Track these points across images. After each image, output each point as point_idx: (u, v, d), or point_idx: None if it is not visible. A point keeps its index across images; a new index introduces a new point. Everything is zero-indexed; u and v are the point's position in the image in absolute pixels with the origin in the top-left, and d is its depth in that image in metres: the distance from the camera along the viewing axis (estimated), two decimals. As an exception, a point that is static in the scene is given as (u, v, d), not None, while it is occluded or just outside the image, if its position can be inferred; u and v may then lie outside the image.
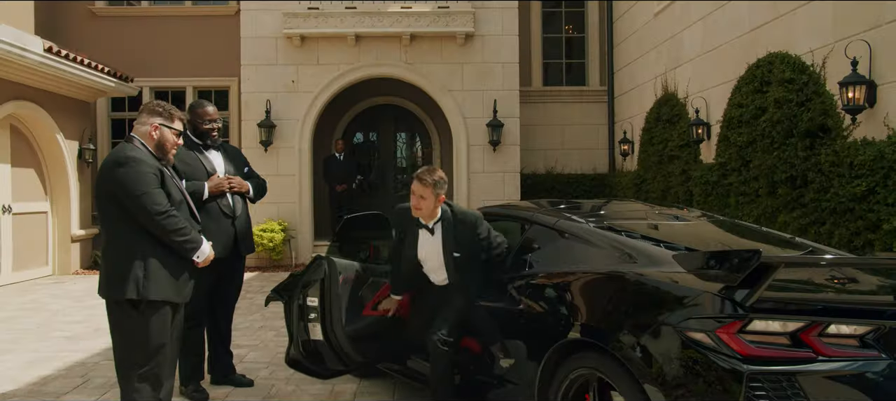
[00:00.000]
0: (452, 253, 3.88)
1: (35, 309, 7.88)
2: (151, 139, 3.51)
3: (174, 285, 3.44)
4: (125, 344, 3.42)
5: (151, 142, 3.51)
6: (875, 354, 2.41)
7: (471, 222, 3.90)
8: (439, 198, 3.90)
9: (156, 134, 3.51)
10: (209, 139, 4.55)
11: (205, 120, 4.50)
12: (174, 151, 3.62)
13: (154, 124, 3.51)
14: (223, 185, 4.45)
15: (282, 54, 11.83)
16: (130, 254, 3.34)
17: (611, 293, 2.98)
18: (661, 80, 10.54)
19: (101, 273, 3.45)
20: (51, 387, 4.84)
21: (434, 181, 3.86)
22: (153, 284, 3.35)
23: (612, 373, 2.79)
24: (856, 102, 5.80)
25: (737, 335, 2.42)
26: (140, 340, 3.38)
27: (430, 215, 3.94)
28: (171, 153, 3.60)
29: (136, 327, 3.37)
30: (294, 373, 4.96)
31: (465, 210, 4.01)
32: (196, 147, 4.51)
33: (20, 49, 8.77)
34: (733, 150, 7.55)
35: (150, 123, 3.52)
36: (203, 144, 4.54)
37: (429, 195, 3.86)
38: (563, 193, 12.84)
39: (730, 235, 3.78)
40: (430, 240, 3.99)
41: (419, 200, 3.87)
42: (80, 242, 11.23)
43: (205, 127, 4.51)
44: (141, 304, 3.35)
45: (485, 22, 11.99)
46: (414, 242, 4.04)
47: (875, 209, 5.49)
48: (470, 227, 3.89)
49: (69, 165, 10.80)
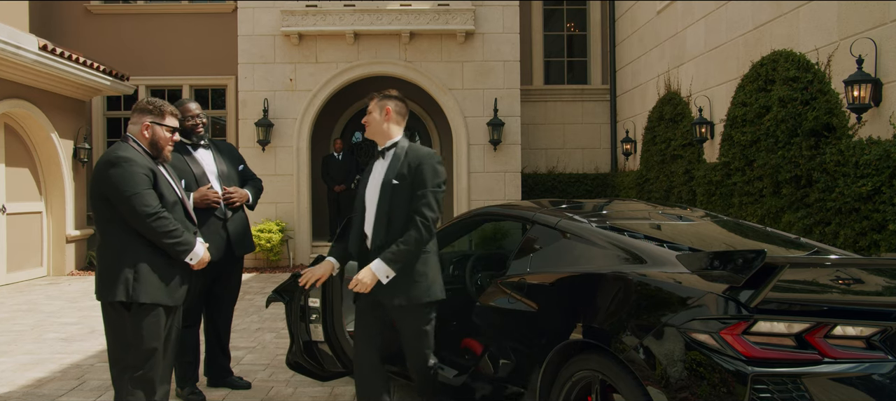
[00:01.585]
0: (392, 180, 3.35)
1: (30, 310, 7.83)
2: (144, 138, 3.47)
3: (165, 289, 3.38)
4: (118, 346, 3.38)
5: (145, 141, 3.47)
6: (882, 355, 2.38)
7: (424, 155, 3.37)
8: (386, 112, 3.47)
9: (147, 133, 3.48)
10: (194, 136, 4.44)
11: (186, 116, 4.35)
12: (170, 147, 3.57)
13: (145, 123, 3.48)
14: (209, 197, 4.26)
15: (280, 52, 11.78)
16: (122, 255, 3.30)
17: (613, 294, 2.94)
18: (664, 79, 10.49)
19: (96, 274, 3.42)
20: (46, 389, 4.80)
21: (382, 95, 3.50)
22: (143, 287, 3.30)
23: (614, 375, 2.75)
24: (861, 100, 5.74)
25: (741, 337, 2.39)
26: (132, 342, 3.34)
27: (381, 136, 3.50)
28: (166, 150, 3.54)
29: (128, 329, 3.33)
30: (293, 375, 4.93)
31: (426, 148, 3.50)
32: (183, 148, 4.37)
33: (15, 47, 8.72)
34: (737, 149, 7.49)
35: (141, 122, 3.48)
36: (191, 143, 4.44)
37: (374, 108, 3.49)
38: (565, 193, 12.80)
39: (734, 236, 3.74)
40: (377, 169, 3.49)
41: (367, 115, 3.53)
42: (75, 243, 11.18)
43: (188, 124, 4.38)
44: (132, 306, 3.30)
45: (485, 20, 11.93)
46: (366, 178, 3.54)
47: (881, 209, 5.43)
48: (420, 159, 3.34)
49: (64, 164, 10.75)
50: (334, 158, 12.30)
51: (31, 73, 9.56)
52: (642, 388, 2.61)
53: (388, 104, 3.50)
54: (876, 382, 2.33)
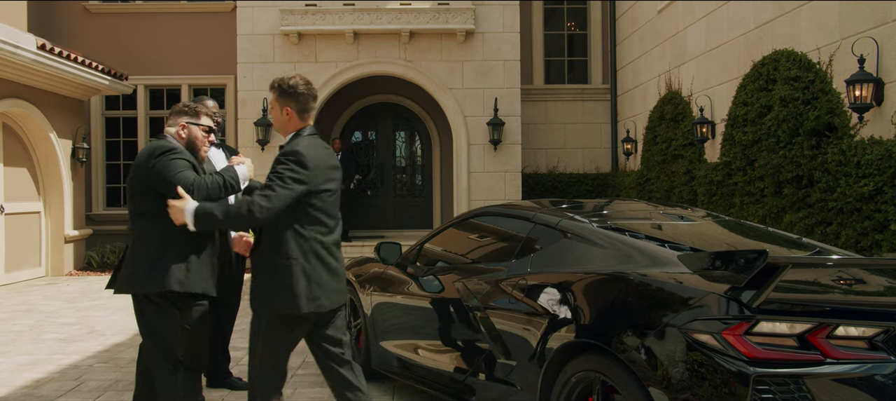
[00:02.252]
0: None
1: (28, 311, 7.81)
2: (181, 139, 3.52)
3: (211, 281, 3.41)
4: (163, 341, 3.33)
5: (181, 141, 3.51)
6: (884, 356, 2.37)
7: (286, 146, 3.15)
8: (286, 111, 3.23)
9: (184, 133, 3.53)
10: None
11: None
12: (206, 148, 3.61)
13: (181, 123, 3.53)
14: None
15: (279, 52, 11.75)
16: (167, 247, 3.28)
17: (614, 294, 2.92)
18: (665, 78, 10.47)
19: (129, 268, 3.35)
20: (44, 390, 4.78)
21: (275, 84, 3.25)
22: (194, 278, 3.30)
23: (615, 375, 2.73)
24: (863, 100, 5.73)
25: (743, 337, 2.37)
26: (185, 335, 3.33)
27: (281, 129, 3.31)
28: (202, 151, 3.58)
29: (180, 321, 3.32)
30: (292, 376, 4.92)
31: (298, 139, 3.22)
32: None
33: (13, 46, 8.70)
34: (738, 149, 7.47)
35: (177, 123, 3.54)
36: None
37: (272, 100, 3.29)
38: (566, 193, 12.78)
39: (735, 236, 3.72)
40: None
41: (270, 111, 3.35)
42: (73, 243, 11.17)
43: None
44: (185, 298, 3.31)
45: (485, 19, 11.90)
46: None
47: (882, 209, 5.41)
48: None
49: (62, 164, 10.73)
50: (334, 158, 12.26)
51: (29, 73, 9.54)
52: (643, 389, 2.59)
53: (281, 99, 3.28)
54: (878, 383, 2.32)
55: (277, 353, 3.16)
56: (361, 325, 4.88)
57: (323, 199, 3.14)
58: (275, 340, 3.14)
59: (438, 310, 4.07)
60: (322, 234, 3.15)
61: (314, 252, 3.11)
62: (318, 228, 3.13)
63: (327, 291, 3.12)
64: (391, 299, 4.53)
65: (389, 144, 14.01)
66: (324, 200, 3.15)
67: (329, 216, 3.19)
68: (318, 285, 3.09)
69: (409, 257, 4.64)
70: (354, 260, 5.48)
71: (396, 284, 4.53)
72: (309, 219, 3.11)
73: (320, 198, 3.13)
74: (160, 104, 13.02)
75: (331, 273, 3.15)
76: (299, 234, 3.09)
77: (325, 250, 3.15)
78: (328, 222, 3.18)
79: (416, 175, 14.10)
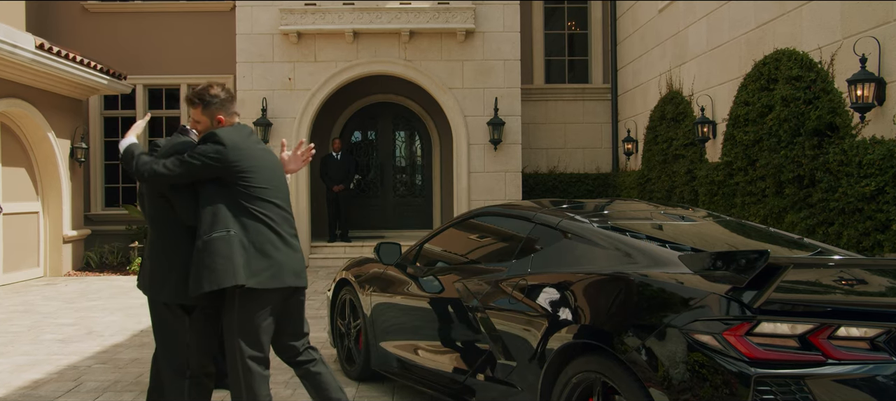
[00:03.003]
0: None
1: (26, 311, 7.79)
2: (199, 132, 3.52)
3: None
4: (168, 343, 3.32)
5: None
6: (886, 357, 2.36)
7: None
8: (217, 117, 3.28)
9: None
10: None
11: None
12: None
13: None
14: None
15: (278, 51, 11.74)
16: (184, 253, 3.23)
17: (615, 294, 2.91)
18: (666, 78, 10.45)
19: (150, 274, 3.30)
20: (42, 391, 4.76)
21: (195, 94, 3.27)
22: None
23: (616, 376, 2.72)
24: (865, 99, 5.71)
25: (744, 338, 2.37)
26: (186, 340, 3.31)
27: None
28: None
29: (185, 326, 3.30)
30: (292, 377, 4.89)
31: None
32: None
33: (11, 46, 8.68)
34: (739, 149, 7.45)
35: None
36: None
37: (198, 115, 3.30)
38: (566, 193, 12.76)
39: (737, 236, 3.71)
40: None
41: (194, 123, 3.37)
42: (71, 243, 11.15)
43: None
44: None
45: (485, 18, 11.89)
46: None
47: (884, 209, 5.39)
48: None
49: (61, 164, 10.72)
50: (333, 158, 12.25)
51: (27, 73, 9.52)
52: (644, 389, 2.59)
53: (211, 106, 3.33)
54: (880, 383, 2.31)
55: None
56: (361, 325, 4.86)
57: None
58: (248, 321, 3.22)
59: (438, 310, 4.06)
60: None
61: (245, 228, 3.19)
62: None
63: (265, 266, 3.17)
64: (391, 300, 4.51)
65: (389, 144, 14.00)
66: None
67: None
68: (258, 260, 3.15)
69: (409, 258, 4.62)
70: (354, 260, 5.46)
71: (396, 284, 4.51)
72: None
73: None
74: (159, 104, 13.00)
75: (266, 253, 3.20)
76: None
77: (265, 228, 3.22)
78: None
79: (415, 175, 14.09)
